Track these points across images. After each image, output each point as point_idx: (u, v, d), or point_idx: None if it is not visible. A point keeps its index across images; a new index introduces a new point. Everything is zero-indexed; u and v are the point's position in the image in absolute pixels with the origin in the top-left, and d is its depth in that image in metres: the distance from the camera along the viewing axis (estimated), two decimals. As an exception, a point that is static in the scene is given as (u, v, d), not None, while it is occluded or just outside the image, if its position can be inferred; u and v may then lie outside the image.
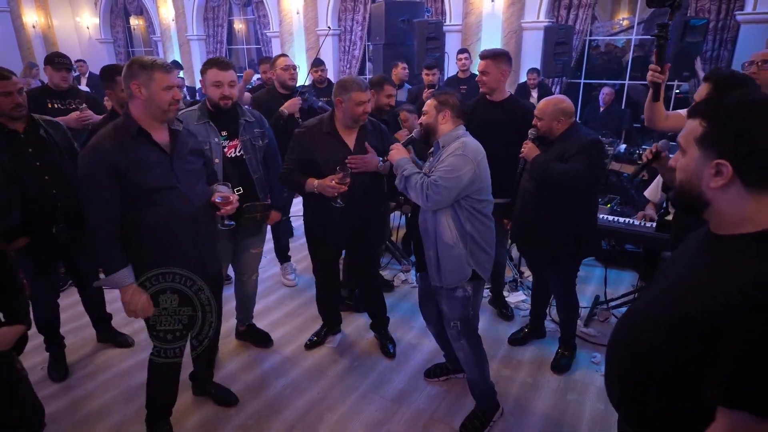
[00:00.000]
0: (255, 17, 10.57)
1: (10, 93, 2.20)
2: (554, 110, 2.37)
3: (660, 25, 2.02)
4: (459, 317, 2.20)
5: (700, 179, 0.97)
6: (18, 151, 2.30)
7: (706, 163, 0.95)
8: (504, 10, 7.04)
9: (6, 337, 1.62)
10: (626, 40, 9.39)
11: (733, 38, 5.97)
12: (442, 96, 2.14)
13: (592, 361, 2.80)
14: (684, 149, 1.01)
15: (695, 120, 0.98)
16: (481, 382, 2.32)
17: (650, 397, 1.09)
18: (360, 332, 3.13)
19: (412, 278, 3.80)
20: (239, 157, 2.51)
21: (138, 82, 1.80)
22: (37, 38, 12.32)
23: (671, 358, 1.00)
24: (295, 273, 3.91)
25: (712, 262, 0.97)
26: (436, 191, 1.98)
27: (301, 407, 2.50)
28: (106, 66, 2.95)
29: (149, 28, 12.41)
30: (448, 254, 2.09)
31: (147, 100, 1.81)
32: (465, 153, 2.01)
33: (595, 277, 3.77)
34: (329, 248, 2.68)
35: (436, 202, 2.01)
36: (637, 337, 1.11)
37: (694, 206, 1.01)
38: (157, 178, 1.87)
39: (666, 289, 1.08)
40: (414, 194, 2.06)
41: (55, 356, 2.76)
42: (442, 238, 2.09)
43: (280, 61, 3.44)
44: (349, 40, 9.02)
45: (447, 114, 2.10)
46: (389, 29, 6.29)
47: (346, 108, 2.40)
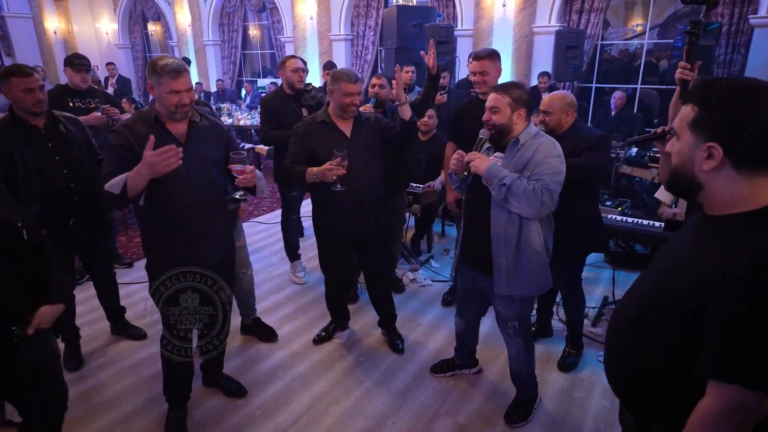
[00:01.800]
0: (269, 23, 10.74)
1: (32, 89, 2.28)
2: (563, 104, 2.38)
3: (693, 22, 2.00)
4: (517, 318, 2.19)
5: (693, 163, 0.99)
6: (38, 145, 2.38)
7: (698, 146, 0.98)
8: (515, 14, 7.08)
9: (48, 316, 1.70)
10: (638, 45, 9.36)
11: (747, 42, 5.93)
12: (515, 91, 1.99)
13: (599, 360, 2.80)
14: (678, 134, 1.03)
15: (688, 105, 1.01)
16: (527, 376, 2.35)
17: (646, 380, 1.11)
18: (368, 329, 3.16)
19: (421, 278, 3.83)
20: None
21: (151, 82, 1.94)
22: (58, 43, 12.65)
23: (667, 338, 1.02)
24: (305, 271, 3.95)
25: (707, 242, 1.00)
26: (550, 197, 1.87)
27: (307, 400, 2.53)
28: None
29: (166, 34, 12.66)
30: (533, 262, 2.01)
31: (158, 98, 1.95)
32: (560, 154, 1.95)
33: (604, 279, 3.76)
34: (337, 242, 2.72)
35: (549, 208, 1.92)
36: (634, 321, 1.13)
37: (688, 189, 1.03)
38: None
39: (661, 271, 1.10)
40: (521, 202, 1.89)
41: (71, 347, 2.83)
42: (532, 246, 2.00)
43: (290, 63, 3.50)
44: (362, 45, 9.12)
45: (522, 113, 2.00)
46: (401, 33, 6.37)
47: (336, 98, 2.47)
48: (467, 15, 7.67)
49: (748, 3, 5.85)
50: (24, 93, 2.27)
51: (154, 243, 2.09)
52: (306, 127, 2.57)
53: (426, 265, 4.11)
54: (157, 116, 1.97)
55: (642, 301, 1.13)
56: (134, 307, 3.38)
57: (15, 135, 2.31)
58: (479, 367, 2.72)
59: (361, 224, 2.61)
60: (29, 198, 2.32)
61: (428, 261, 4.17)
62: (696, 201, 1.05)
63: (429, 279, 3.84)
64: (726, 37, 5.96)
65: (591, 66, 7.42)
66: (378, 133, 2.60)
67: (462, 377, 2.67)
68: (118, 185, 1.81)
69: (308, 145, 2.51)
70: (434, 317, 3.32)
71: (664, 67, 7.67)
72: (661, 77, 7.59)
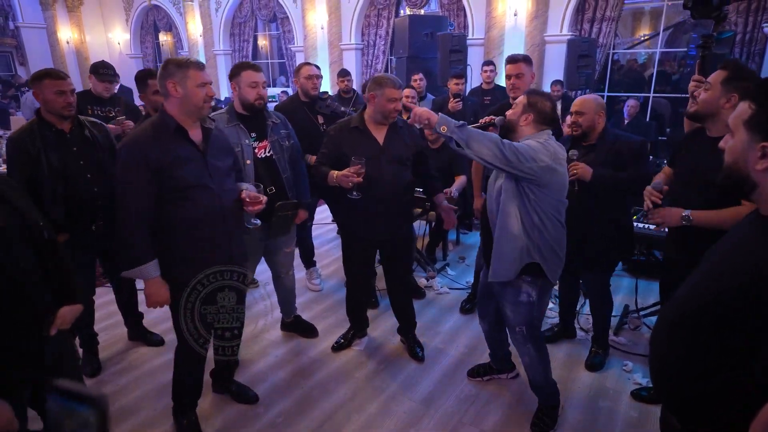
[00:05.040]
0: (280, 32, 10.84)
1: (64, 92, 2.30)
2: (596, 105, 2.39)
3: (704, 37, 2.03)
4: (524, 322, 2.18)
5: (747, 161, 0.97)
6: (64, 149, 2.39)
7: (752, 145, 0.96)
8: (527, 23, 7.11)
9: (68, 316, 1.68)
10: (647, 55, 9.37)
11: (761, 51, 5.92)
12: (535, 97, 2.05)
13: (623, 369, 2.75)
14: (733, 131, 1.01)
15: (746, 102, 0.99)
16: (545, 384, 2.32)
17: (693, 383, 1.08)
18: (386, 336, 3.13)
19: (438, 285, 3.80)
20: (269, 157, 2.58)
21: (174, 81, 1.86)
22: (70, 53, 12.84)
23: (716, 339, 1.00)
24: (321, 278, 3.93)
25: (764, 240, 0.97)
26: (514, 154, 1.86)
27: (328, 408, 2.50)
28: (140, 70, 3.09)
29: (177, 44, 12.81)
30: (508, 246, 2.03)
31: (183, 97, 1.88)
32: (545, 144, 1.96)
33: (623, 287, 3.71)
34: (362, 244, 2.71)
35: (513, 165, 1.87)
36: (680, 322, 1.11)
37: (741, 188, 1.01)
38: (193, 175, 1.92)
39: (709, 271, 1.08)
40: (482, 143, 1.86)
41: (89, 352, 2.81)
42: (506, 227, 2.02)
43: (305, 70, 3.51)
44: (372, 54, 9.18)
45: (529, 118, 2.03)
46: (412, 43, 6.40)
47: (378, 103, 2.44)
48: (478, 24, 7.71)
49: (762, 11, 5.84)
50: (56, 95, 2.29)
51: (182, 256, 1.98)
52: (339, 131, 2.57)
53: (442, 272, 4.08)
54: (178, 125, 1.91)
55: (691, 301, 1.10)
56: (151, 312, 3.35)
57: (42, 138, 2.32)
58: (516, 372, 2.68)
59: (386, 230, 2.61)
60: (54, 201, 2.32)
61: (444, 269, 4.14)
62: (750, 200, 1.03)
63: (446, 287, 3.80)
64: (740, 45, 5.95)
65: (602, 75, 7.42)
66: (413, 142, 2.61)
67: (485, 385, 2.64)
68: (140, 273, 1.89)
69: (339, 148, 2.50)
70: (453, 325, 3.29)
71: (676, 77, 7.66)
72: (673, 86, 7.58)
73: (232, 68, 2.53)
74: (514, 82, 2.76)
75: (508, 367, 2.67)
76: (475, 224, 4.70)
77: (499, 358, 2.62)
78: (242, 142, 2.48)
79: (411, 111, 2.89)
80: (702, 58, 2.08)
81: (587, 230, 2.41)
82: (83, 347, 2.81)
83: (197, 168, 1.94)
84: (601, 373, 2.74)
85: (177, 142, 1.91)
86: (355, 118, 2.56)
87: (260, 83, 2.45)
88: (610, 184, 2.34)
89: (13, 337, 1.50)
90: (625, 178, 2.30)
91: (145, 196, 1.88)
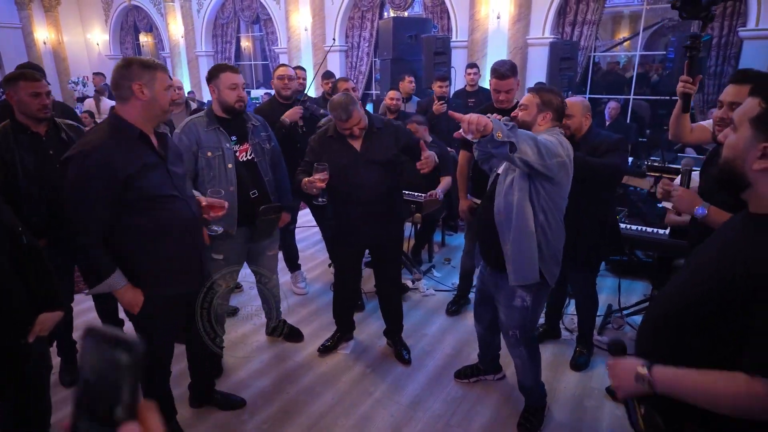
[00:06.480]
0: (263, 34, 10.75)
1: (39, 94, 2.23)
2: (583, 107, 2.42)
3: (692, 37, 2.03)
4: (517, 326, 2.17)
5: (745, 160, 0.96)
6: (40, 152, 2.32)
7: (754, 143, 0.94)
8: (509, 26, 7.17)
9: (48, 322, 1.63)
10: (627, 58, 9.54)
11: (737, 54, 6.06)
12: (547, 95, 2.02)
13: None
14: (737, 126, 0.99)
15: (755, 99, 0.96)
16: (534, 386, 2.33)
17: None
18: (373, 339, 3.11)
19: (424, 287, 3.79)
20: (251, 160, 2.55)
21: (141, 83, 1.73)
22: (47, 54, 12.54)
23: (702, 334, 1.01)
24: (306, 282, 3.90)
25: (751, 236, 0.97)
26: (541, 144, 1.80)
27: (315, 413, 2.47)
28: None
29: (158, 45, 12.62)
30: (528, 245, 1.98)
31: (149, 101, 1.76)
32: (559, 139, 1.94)
33: (606, 287, 3.75)
34: (351, 247, 2.70)
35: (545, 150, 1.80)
36: (667, 319, 1.11)
37: (735, 185, 1.01)
38: (160, 183, 1.84)
39: (697, 269, 1.08)
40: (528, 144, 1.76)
41: (68, 361, 2.74)
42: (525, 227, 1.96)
43: (278, 71, 3.50)
44: (356, 56, 9.16)
45: (548, 116, 2.01)
46: (397, 45, 6.39)
47: (337, 127, 2.48)
48: (462, 27, 7.75)
49: (737, 16, 5.98)
50: (30, 97, 2.22)
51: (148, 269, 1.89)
52: (318, 140, 2.58)
53: (428, 274, 4.07)
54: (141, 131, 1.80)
55: (678, 299, 1.11)
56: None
57: (16, 141, 2.25)
58: (503, 373, 2.69)
59: (371, 234, 2.60)
60: (31, 205, 2.25)
61: (430, 270, 4.14)
62: (740, 198, 1.03)
63: (432, 288, 3.80)
64: (717, 49, 6.09)
65: (584, 77, 7.52)
66: (395, 142, 2.56)
67: (473, 386, 2.64)
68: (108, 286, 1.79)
69: (319, 157, 2.48)
70: (439, 327, 3.28)
71: (655, 79, 7.81)
72: (652, 88, 7.72)
73: (210, 70, 2.48)
74: (503, 98, 2.71)
75: (495, 369, 2.67)
76: (461, 226, 4.71)
77: (488, 360, 2.63)
78: (223, 146, 2.44)
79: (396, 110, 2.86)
80: (690, 59, 2.10)
81: (577, 230, 2.42)
82: (61, 356, 2.74)
83: (162, 175, 1.85)
84: (586, 373, 2.76)
85: (141, 148, 1.80)
86: (331, 128, 2.55)
87: (240, 85, 2.42)
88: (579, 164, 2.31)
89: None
90: (594, 163, 2.28)
91: (106, 210, 1.75)
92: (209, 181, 2.41)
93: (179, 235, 1.91)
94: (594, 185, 2.34)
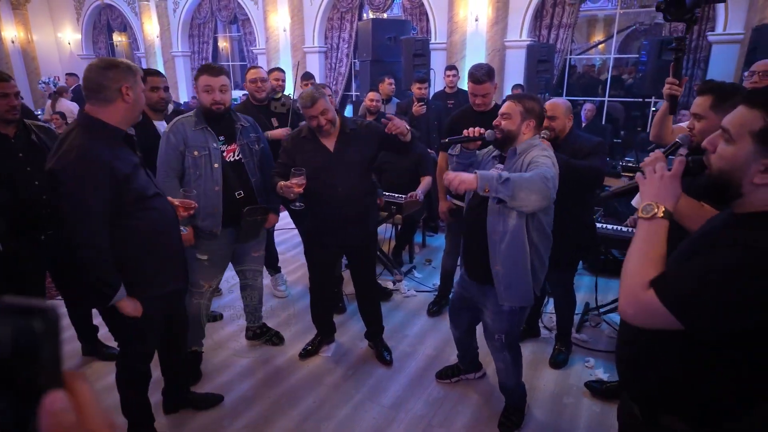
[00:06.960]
0: (241, 34, 10.64)
1: (7, 95, 2.17)
2: (566, 109, 2.45)
3: (677, 39, 2.07)
4: (504, 330, 2.18)
5: (744, 173, 0.93)
6: (8, 155, 2.25)
7: (757, 158, 0.90)
8: (487, 29, 7.25)
9: None
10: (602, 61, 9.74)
11: (706, 58, 6.25)
12: (529, 103, 2.01)
13: (585, 366, 2.83)
14: (733, 138, 0.95)
15: (755, 111, 0.91)
16: (515, 387, 2.35)
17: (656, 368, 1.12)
18: (354, 341, 3.11)
19: (405, 288, 3.80)
20: (238, 161, 2.52)
21: (128, 85, 1.70)
22: (15, 53, 12.15)
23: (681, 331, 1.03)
24: (286, 284, 3.87)
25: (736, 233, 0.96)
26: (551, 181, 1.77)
27: (297, 417, 2.45)
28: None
29: (133, 45, 12.36)
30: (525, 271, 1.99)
31: (133, 103, 1.73)
32: (549, 156, 1.94)
33: (583, 286, 3.82)
34: (325, 248, 2.68)
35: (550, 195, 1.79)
36: None
37: (726, 195, 0.98)
38: (146, 184, 1.83)
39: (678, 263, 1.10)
40: (528, 191, 1.72)
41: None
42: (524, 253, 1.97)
43: (249, 74, 3.47)
44: (336, 57, 9.14)
45: (532, 123, 2.01)
46: (376, 46, 6.40)
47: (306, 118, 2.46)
48: (440, 29, 7.81)
49: (705, 20, 6.17)
50: None
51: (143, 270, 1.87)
52: (292, 141, 2.55)
53: (409, 275, 4.08)
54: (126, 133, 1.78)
55: None
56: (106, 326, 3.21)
57: (-17, 144, 2.18)
58: (483, 371, 2.72)
59: (345, 236, 2.59)
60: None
61: (411, 271, 4.15)
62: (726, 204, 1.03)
63: (413, 289, 3.81)
64: (687, 53, 6.25)
65: (561, 79, 7.65)
66: (371, 143, 2.54)
67: (454, 386, 2.65)
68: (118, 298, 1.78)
69: (293, 158, 2.47)
70: (421, 328, 3.29)
71: (629, 82, 7.99)
72: (626, 90, 7.90)
73: (197, 71, 2.48)
74: (479, 102, 2.74)
75: (475, 368, 2.70)
76: (441, 227, 4.74)
77: (468, 360, 2.65)
78: (210, 146, 2.42)
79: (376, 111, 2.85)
80: (675, 60, 2.15)
81: (561, 232, 2.45)
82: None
83: (144, 175, 1.85)
84: (565, 371, 2.81)
85: (126, 150, 1.78)
86: (304, 129, 2.53)
87: (216, 87, 2.37)
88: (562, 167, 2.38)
89: None
90: (579, 165, 2.31)
91: (106, 216, 1.70)
92: (195, 180, 2.39)
93: (168, 232, 1.92)
94: (578, 187, 2.38)
